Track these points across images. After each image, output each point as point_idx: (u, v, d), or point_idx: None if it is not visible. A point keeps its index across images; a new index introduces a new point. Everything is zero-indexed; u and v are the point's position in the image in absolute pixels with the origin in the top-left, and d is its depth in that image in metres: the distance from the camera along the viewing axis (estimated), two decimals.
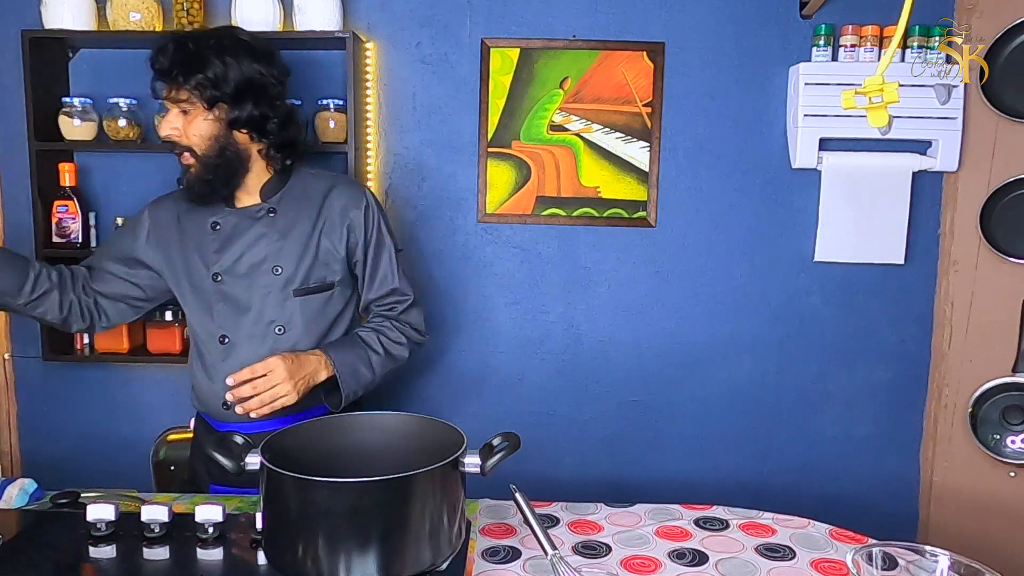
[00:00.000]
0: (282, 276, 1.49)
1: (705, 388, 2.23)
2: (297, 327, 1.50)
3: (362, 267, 1.57)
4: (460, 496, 1.07)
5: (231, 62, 1.40)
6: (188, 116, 1.42)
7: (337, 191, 1.55)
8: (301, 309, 1.50)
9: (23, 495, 1.32)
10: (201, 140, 1.43)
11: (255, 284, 1.49)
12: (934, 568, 0.95)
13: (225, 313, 1.50)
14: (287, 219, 1.51)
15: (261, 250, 1.49)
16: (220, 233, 1.51)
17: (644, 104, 2.12)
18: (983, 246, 2.09)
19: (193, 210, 1.54)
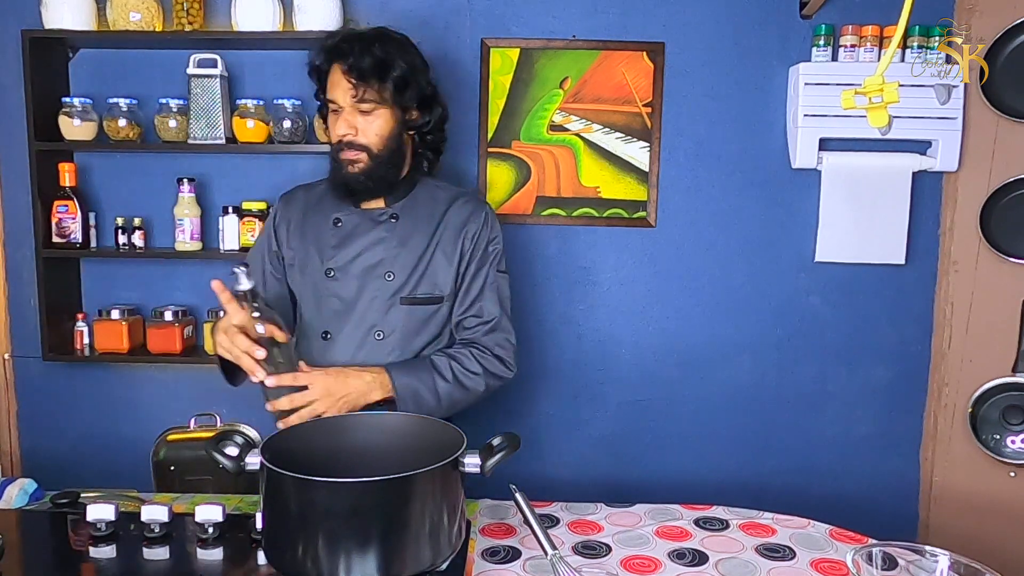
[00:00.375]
0: (393, 282, 1.48)
1: (705, 388, 2.23)
2: (397, 335, 1.49)
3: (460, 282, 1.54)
4: (460, 496, 1.06)
5: (413, 63, 1.46)
6: (368, 116, 1.43)
7: (459, 205, 1.54)
8: (405, 318, 1.49)
9: (23, 495, 1.32)
10: (380, 140, 1.44)
11: (365, 286, 1.49)
12: (934, 568, 0.95)
13: (331, 310, 1.50)
14: (407, 227, 1.51)
15: (377, 253, 1.49)
16: (341, 230, 1.52)
17: (644, 104, 2.12)
18: (983, 246, 2.09)
19: (318, 204, 1.56)
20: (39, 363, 2.16)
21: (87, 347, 2.15)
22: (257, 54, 2.12)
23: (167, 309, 2.13)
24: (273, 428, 1.39)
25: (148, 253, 2.10)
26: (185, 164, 2.14)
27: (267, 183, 2.16)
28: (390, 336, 1.49)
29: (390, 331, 1.49)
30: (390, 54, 1.43)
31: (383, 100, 1.42)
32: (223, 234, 2.08)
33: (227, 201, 2.11)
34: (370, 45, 1.41)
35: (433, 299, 1.51)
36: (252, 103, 2.02)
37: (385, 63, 1.41)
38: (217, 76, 2.02)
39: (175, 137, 2.05)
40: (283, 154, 2.13)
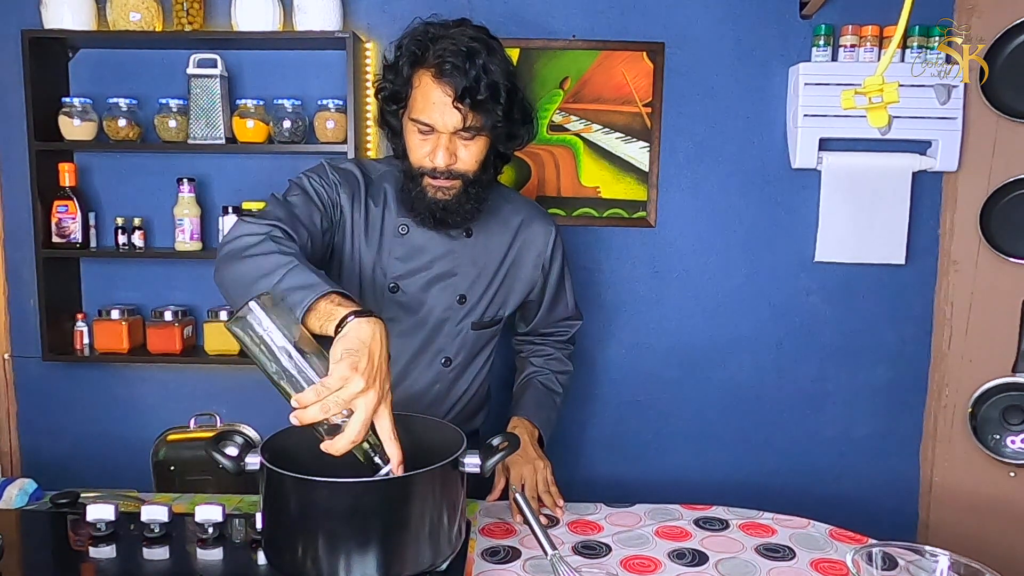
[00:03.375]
0: (465, 306, 1.38)
1: (705, 388, 2.23)
2: (462, 359, 1.43)
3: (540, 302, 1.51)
4: (460, 496, 1.06)
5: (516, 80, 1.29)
6: (469, 142, 1.26)
7: (531, 223, 1.44)
8: (472, 342, 1.43)
9: (23, 495, 1.31)
10: (475, 165, 1.28)
11: (435, 308, 1.37)
12: (934, 568, 0.95)
13: (393, 329, 1.32)
14: (481, 244, 1.39)
15: (450, 272, 1.36)
16: (407, 240, 1.35)
17: (644, 104, 2.12)
18: (983, 246, 2.09)
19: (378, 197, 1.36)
20: (39, 363, 2.16)
21: (87, 347, 2.15)
22: (257, 54, 2.13)
23: (167, 309, 2.13)
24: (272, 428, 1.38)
25: (148, 253, 2.10)
26: (185, 164, 2.14)
27: (267, 183, 2.16)
28: (456, 361, 1.42)
29: (456, 356, 1.42)
30: (498, 74, 1.24)
31: (487, 126, 1.26)
32: (223, 234, 2.08)
33: (227, 201, 2.11)
34: (479, 62, 1.22)
35: (496, 321, 1.45)
36: (252, 103, 2.02)
37: (496, 86, 1.24)
38: (217, 76, 2.02)
39: (175, 137, 2.05)
40: (283, 154, 2.13)
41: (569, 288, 1.55)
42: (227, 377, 2.23)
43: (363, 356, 0.91)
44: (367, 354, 0.92)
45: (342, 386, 0.89)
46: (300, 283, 1.01)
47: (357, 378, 0.89)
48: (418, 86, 1.25)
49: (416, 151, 1.28)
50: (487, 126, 1.26)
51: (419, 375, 1.41)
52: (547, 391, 1.53)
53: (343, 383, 0.89)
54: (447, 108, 1.22)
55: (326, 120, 2.02)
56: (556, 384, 1.55)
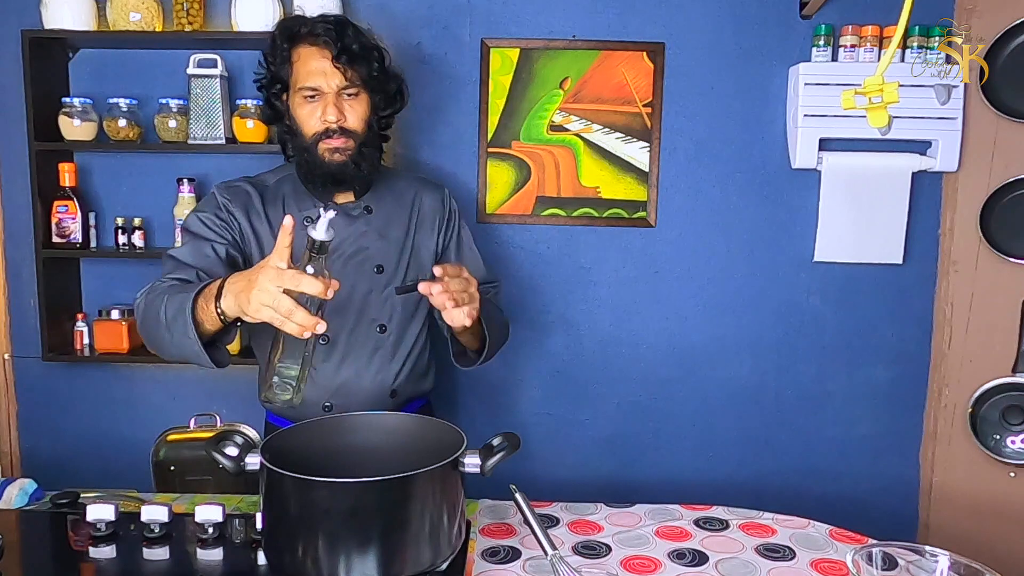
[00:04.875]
0: (384, 276, 1.47)
1: (705, 388, 2.23)
2: (396, 324, 1.49)
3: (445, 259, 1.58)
4: (460, 496, 1.07)
5: (382, 49, 1.45)
6: (352, 100, 1.40)
7: (423, 193, 1.57)
8: (401, 306, 1.50)
9: (23, 495, 1.32)
10: (363, 125, 1.42)
11: (357, 283, 1.46)
12: (934, 568, 0.95)
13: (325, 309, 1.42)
14: (383, 218, 1.50)
15: (362, 248, 1.47)
16: None
17: (644, 104, 2.12)
18: (983, 246, 2.09)
19: (275, 202, 1.47)
20: (39, 363, 2.16)
21: (87, 347, 2.15)
22: (257, 54, 2.09)
23: None
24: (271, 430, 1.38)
25: (148, 253, 2.10)
26: (185, 164, 2.14)
27: None
28: (392, 328, 1.49)
29: (390, 322, 1.49)
30: (365, 37, 1.42)
31: (365, 84, 1.40)
32: None
33: None
34: (348, 29, 1.39)
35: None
36: (252, 103, 2.02)
37: (367, 46, 1.41)
38: (217, 76, 2.02)
39: (175, 137, 2.05)
40: (283, 154, 2.12)
41: (471, 247, 1.63)
42: (227, 377, 2.23)
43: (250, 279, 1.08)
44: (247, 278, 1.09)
45: None
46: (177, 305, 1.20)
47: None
48: (297, 60, 1.40)
49: (307, 121, 1.40)
50: (367, 82, 1.40)
51: (360, 345, 1.47)
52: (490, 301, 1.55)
53: None
54: (329, 69, 1.37)
55: None
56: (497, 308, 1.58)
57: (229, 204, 1.43)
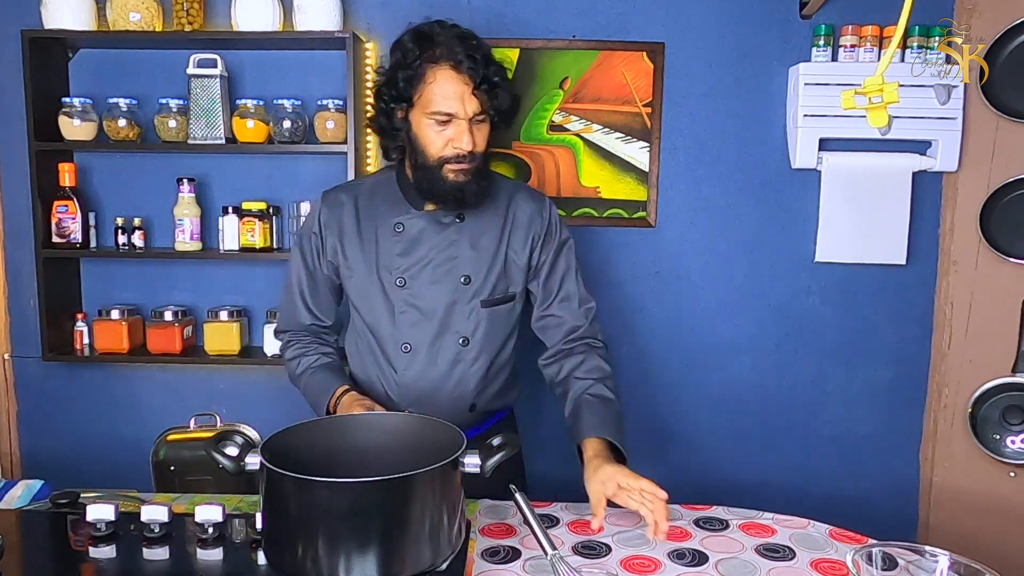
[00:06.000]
0: (471, 286, 1.45)
1: (705, 388, 2.23)
2: (480, 338, 1.46)
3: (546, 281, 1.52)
4: (460, 496, 1.06)
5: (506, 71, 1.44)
6: (478, 125, 1.39)
7: (521, 198, 1.52)
8: (487, 321, 1.46)
9: (28, 492, 1.32)
10: (485, 144, 1.42)
11: (442, 293, 1.44)
12: (934, 568, 0.95)
13: (409, 321, 1.45)
14: (475, 226, 1.46)
15: (450, 257, 1.45)
16: (404, 236, 1.45)
17: (644, 104, 2.12)
18: (983, 246, 2.09)
19: (369, 208, 1.49)
20: (39, 363, 2.16)
21: (87, 347, 2.15)
22: (257, 54, 2.13)
23: (167, 309, 2.13)
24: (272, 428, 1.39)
25: (148, 253, 2.10)
26: (185, 164, 2.14)
27: (267, 183, 2.16)
28: (474, 340, 1.46)
29: (473, 335, 1.46)
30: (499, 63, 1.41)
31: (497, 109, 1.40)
32: (223, 234, 2.08)
33: (227, 201, 2.11)
34: (483, 52, 1.38)
35: (508, 298, 1.49)
36: (252, 103, 2.02)
37: (503, 76, 1.40)
38: (217, 76, 2.02)
39: (175, 137, 2.05)
40: (283, 154, 2.13)
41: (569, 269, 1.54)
42: (227, 377, 2.23)
43: None
44: None
45: None
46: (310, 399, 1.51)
47: None
48: (433, 81, 1.35)
49: (435, 143, 1.37)
50: (496, 109, 1.39)
51: (440, 356, 1.46)
52: (601, 400, 1.43)
53: None
54: (468, 96, 1.35)
55: (326, 120, 2.02)
56: (607, 391, 1.45)
57: (324, 228, 1.50)
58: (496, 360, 1.50)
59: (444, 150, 1.37)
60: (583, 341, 1.52)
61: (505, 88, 1.40)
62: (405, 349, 1.45)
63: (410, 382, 1.46)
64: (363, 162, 2.09)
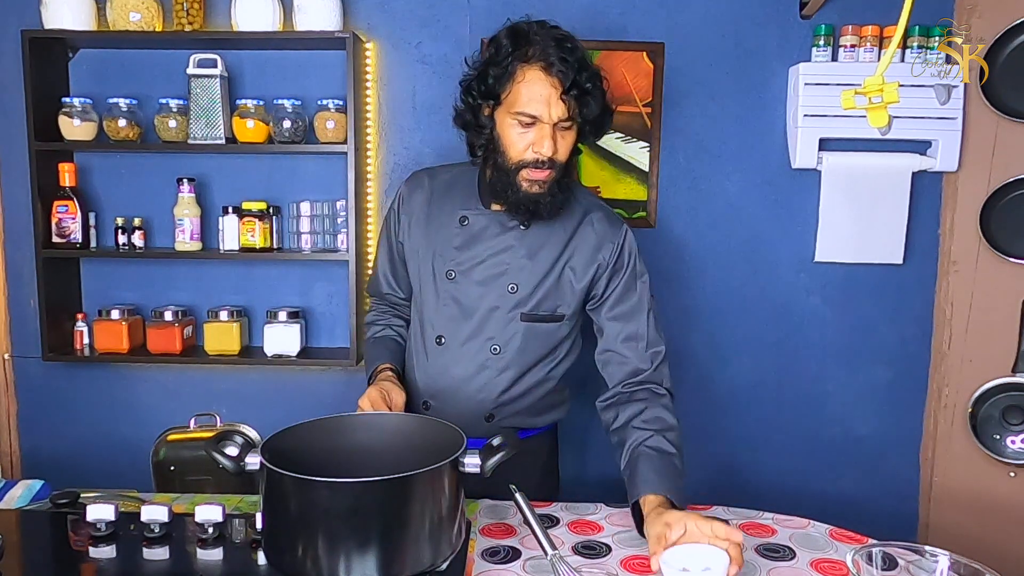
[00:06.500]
0: (515, 295, 1.40)
1: (705, 388, 2.23)
2: (512, 350, 1.42)
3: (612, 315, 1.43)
4: (460, 496, 1.06)
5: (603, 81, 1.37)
6: (563, 132, 1.33)
7: (596, 218, 1.44)
8: (523, 334, 1.42)
9: (28, 492, 1.32)
10: (567, 154, 1.36)
11: (486, 295, 1.41)
12: (934, 568, 0.95)
13: (448, 314, 1.43)
14: (537, 237, 1.41)
15: (503, 261, 1.41)
16: (466, 230, 1.43)
17: (644, 104, 2.12)
18: (983, 246, 2.09)
19: (445, 195, 1.47)
20: (39, 363, 2.16)
21: (87, 347, 2.15)
22: (257, 54, 2.13)
23: (167, 309, 2.13)
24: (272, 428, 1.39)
25: (148, 253, 2.10)
26: (185, 164, 2.14)
27: (267, 183, 2.16)
28: (506, 351, 1.42)
29: (506, 346, 1.42)
30: (591, 67, 1.34)
31: (585, 117, 1.34)
32: (223, 234, 2.08)
33: (227, 201, 2.11)
34: (578, 56, 1.32)
35: (554, 318, 1.43)
36: (252, 103, 2.02)
37: (596, 85, 1.34)
38: (217, 76, 2.02)
39: (175, 137, 2.05)
40: (283, 154, 2.13)
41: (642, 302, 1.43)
42: (227, 377, 2.23)
43: None
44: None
45: None
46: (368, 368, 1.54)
47: None
48: (522, 80, 1.31)
49: (516, 144, 1.33)
50: (585, 117, 1.33)
51: (469, 358, 1.43)
52: (660, 454, 1.28)
53: None
54: (555, 100, 1.29)
55: (326, 120, 2.02)
56: (667, 444, 1.30)
57: (402, 204, 1.50)
58: (525, 376, 1.45)
59: (525, 153, 1.32)
60: (645, 387, 1.40)
61: (596, 97, 1.33)
62: (440, 341, 1.44)
63: (436, 375, 1.45)
64: (363, 162, 2.09)
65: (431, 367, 1.46)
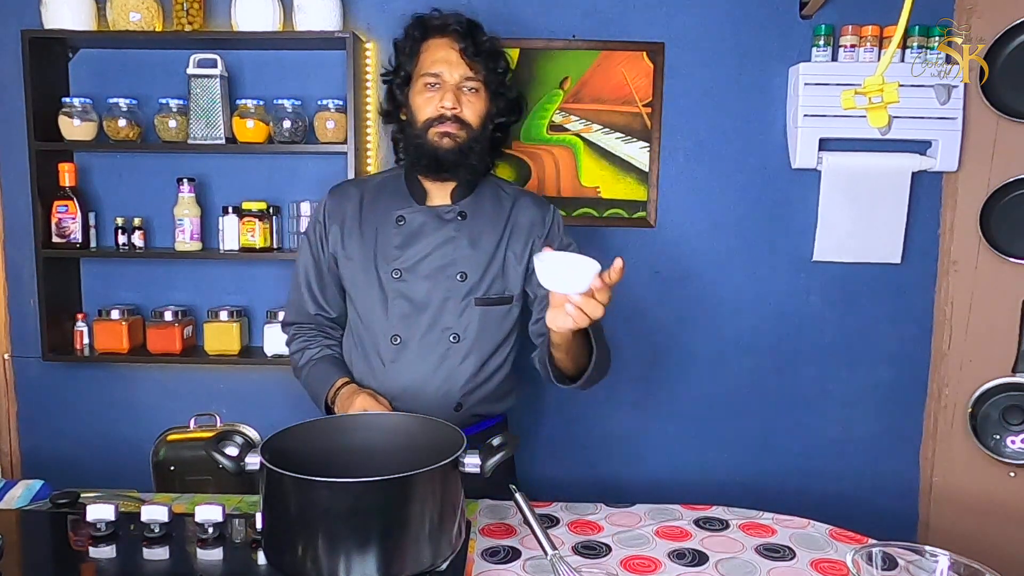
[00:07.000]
0: (466, 283, 1.45)
1: (705, 388, 2.23)
2: (471, 337, 1.46)
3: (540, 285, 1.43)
4: (460, 496, 1.06)
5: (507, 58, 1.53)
6: (470, 95, 1.44)
7: (525, 203, 1.54)
8: (479, 320, 1.46)
9: (28, 492, 1.32)
10: (478, 120, 1.45)
11: (436, 287, 1.45)
12: (934, 568, 0.95)
13: (400, 312, 1.46)
14: (476, 225, 1.48)
15: (448, 253, 1.46)
16: (404, 229, 1.47)
17: (644, 104, 2.12)
18: (983, 246, 2.09)
19: (375, 201, 1.52)
20: (39, 363, 2.16)
21: (87, 347, 2.15)
22: (257, 54, 2.13)
23: (167, 309, 2.13)
24: (272, 428, 1.39)
25: (148, 253, 2.10)
26: (185, 164, 2.14)
27: (267, 183, 2.16)
28: (465, 338, 1.45)
29: (465, 333, 1.45)
30: (495, 42, 1.49)
31: (487, 83, 1.45)
32: (223, 234, 2.08)
33: (227, 201, 2.11)
34: (479, 28, 1.47)
35: (504, 300, 1.49)
36: (252, 103, 2.02)
37: (495, 48, 1.48)
38: (217, 76, 2.02)
39: (175, 137, 2.05)
40: (283, 154, 2.13)
41: None
42: (227, 377, 2.23)
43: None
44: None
45: None
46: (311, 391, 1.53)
47: None
48: (425, 51, 1.46)
49: (423, 108, 1.44)
50: (488, 81, 1.45)
51: (430, 351, 1.45)
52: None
53: None
54: (454, 59, 1.43)
55: (326, 120, 2.02)
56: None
57: (329, 216, 1.53)
58: (488, 362, 1.49)
59: (431, 112, 1.43)
60: None
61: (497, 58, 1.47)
62: (395, 341, 1.45)
63: (397, 375, 1.45)
64: (363, 162, 2.09)
65: (389, 371, 1.46)
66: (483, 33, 1.47)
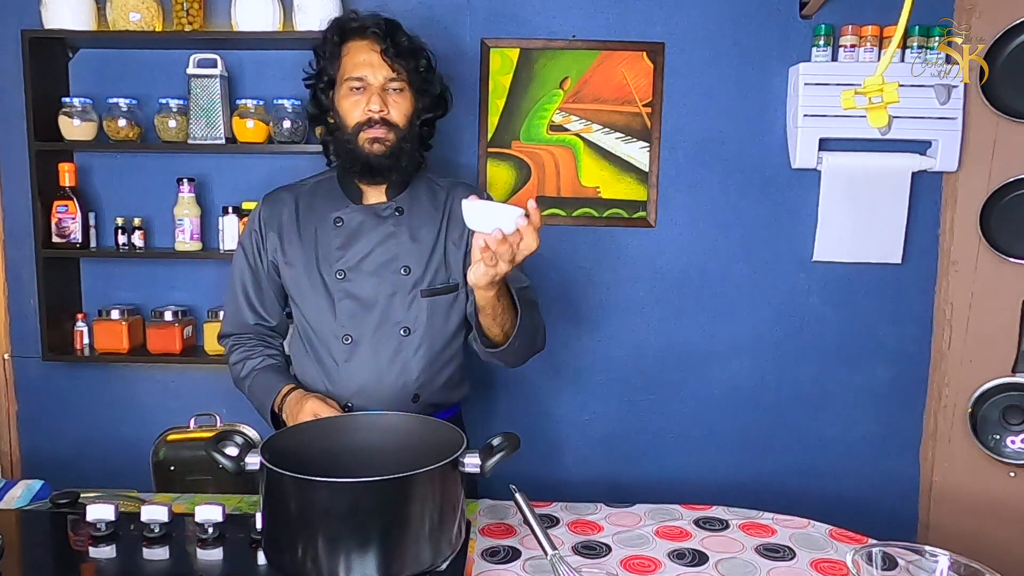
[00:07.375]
0: (410, 276, 1.46)
1: (705, 388, 2.23)
2: (421, 328, 1.47)
3: None
4: (460, 496, 1.06)
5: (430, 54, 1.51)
6: (396, 96, 1.44)
7: (458, 192, 1.55)
8: (428, 311, 1.47)
9: (28, 492, 1.32)
10: (406, 120, 1.45)
11: (382, 284, 1.46)
12: (934, 568, 0.95)
13: (349, 312, 1.46)
14: (414, 219, 1.50)
15: (390, 249, 1.47)
16: (344, 229, 1.48)
17: (644, 104, 2.12)
18: (983, 246, 2.09)
19: (310, 205, 1.52)
20: (39, 363, 2.16)
21: (87, 347, 2.15)
22: (257, 54, 2.13)
23: (167, 309, 2.13)
24: (271, 429, 1.39)
25: (148, 253, 2.10)
26: (185, 164, 2.14)
27: (267, 183, 2.14)
28: (416, 331, 1.46)
29: (415, 326, 1.46)
30: (415, 39, 1.48)
31: (410, 82, 1.45)
32: (223, 234, 2.08)
33: (227, 201, 2.11)
34: (398, 27, 1.46)
35: (450, 288, 1.50)
36: (252, 103, 2.02)
37: (415, 46, 1.47)
38: (217, 76, 2.02)
39: (175, 137, 2.05)
40: (283, 154, 2.13)
41: None
42: (227, 377, 2.20)
43: None
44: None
45: None
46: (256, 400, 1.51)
47: None
48: (347, 54, 1.45)
49: (350, 112, 1.44)
50: (412, 80, 1.45)
51: (382, 347, 1.46)
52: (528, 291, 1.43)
53: None
54: (376, 61, 1.42)
55: None
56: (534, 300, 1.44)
57: (265, 224, 1.53)
58: (442, 352, 1.50)
59: (359, 116, 1.43)
60: None
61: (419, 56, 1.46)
62: (347, 341, 1.45)
63: (352, 374, 1.45)
64: None
65: (343, 371, 1.46)
66: (403, 32, 1.47)
